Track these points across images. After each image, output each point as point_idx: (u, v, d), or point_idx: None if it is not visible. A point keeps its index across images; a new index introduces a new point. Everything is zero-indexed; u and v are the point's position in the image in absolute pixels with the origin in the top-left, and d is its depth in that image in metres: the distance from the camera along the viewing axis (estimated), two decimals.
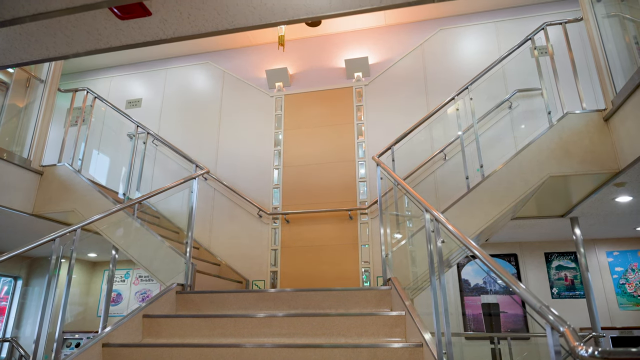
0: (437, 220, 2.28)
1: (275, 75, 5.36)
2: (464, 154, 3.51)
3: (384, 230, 3.26)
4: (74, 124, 5.72)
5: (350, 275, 4.47)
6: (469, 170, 3.47)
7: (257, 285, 4.66)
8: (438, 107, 3.67)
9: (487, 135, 4.63)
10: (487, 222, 3.12)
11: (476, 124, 3.60)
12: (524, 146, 3.30)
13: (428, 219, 2.40)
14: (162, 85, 5.90)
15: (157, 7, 1.64)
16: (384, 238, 3.24)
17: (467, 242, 1.95)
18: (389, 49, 5.26)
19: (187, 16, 1.70)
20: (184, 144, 5.48)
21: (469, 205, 3.23)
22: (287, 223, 4.82)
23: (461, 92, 3.67)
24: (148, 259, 3.64)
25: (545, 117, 4.51)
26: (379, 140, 4.88)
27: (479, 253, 1.85)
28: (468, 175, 3.41)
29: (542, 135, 3.29)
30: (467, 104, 3.80)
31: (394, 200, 3.49)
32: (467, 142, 4.57)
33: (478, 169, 3.40)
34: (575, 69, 3.47)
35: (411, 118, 4.86)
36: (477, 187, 3.25)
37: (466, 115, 4.23)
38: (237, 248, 4.85)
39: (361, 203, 4.70)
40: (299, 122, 5.21)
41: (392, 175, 2.92)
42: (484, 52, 4.96)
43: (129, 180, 4.06)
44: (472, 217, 3.18)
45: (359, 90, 5.17)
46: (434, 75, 5.01)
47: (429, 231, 2.40)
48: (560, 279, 5.28)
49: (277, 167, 5.08)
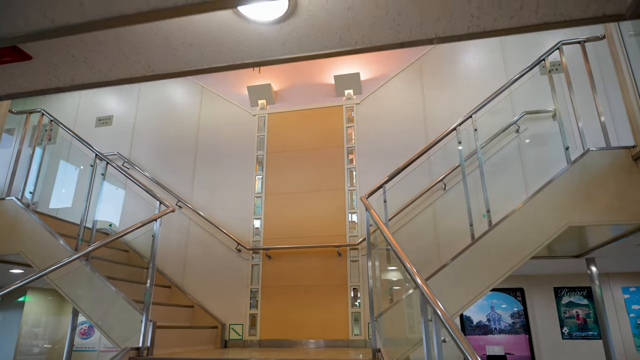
0: (427, 300, 1.78)
1: (257, 92, 4.86)
2: (468, 195, 3.01)
3: (374, 287, 2.76)
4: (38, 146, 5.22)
5: (339, 321, 3.97)
6: (473, 216, 2.97)
7: (234, 329, 4.16)
8: (437, 139, 3.17)
9: (492, 162, 4.14)
10: (496, 280, 2.63)
11: (482, 162, 3.10)
12: (538, 189, 2.80)
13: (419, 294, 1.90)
14: (136, 101, 5.39)
15: (36, 50, 1.14)
16: (373, 296, 2.74)
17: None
18: (382, 64, 4.76)
19: (83, 60, 1.20)
20: (158, 167, 4.98)
21: (475, 259, 2.73)
22: (269, 259, 4.32)
23: (464, 121, 3.17)
24: (101, 314, 3.14)
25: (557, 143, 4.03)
26: (372, 166, 4.39)
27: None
28: (472, 222, 2.91)
29: (560, 176, 2.80)
30: (470, 134, 3.31)
31: (386, 251, 3.00)
32: (468, 172, 4.09)
33: (484, 215, 2.90)
34: (596, 96, 2.97)
35: (407, 139, 4.38)
36: (484, 238, 2.76)
37: (469, 143, 3.75)
38: (213, 287, 4.35)
39: (351, 238, 4.20)
40: (283, 144, 4.71)
41: (384, 232, 2.42)
42: (488, 69, 4.46)
43: (84, 215, 3.54)
44: (477, 274, 2.68)
45: (349, 109, 4.67)
46: (433, 92, 4.52)
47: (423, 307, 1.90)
48: (572, 317, 4.79)
49: (258, 195, 4.58)
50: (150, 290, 3.06)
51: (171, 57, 1.17)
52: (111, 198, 5.00)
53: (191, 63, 1.18)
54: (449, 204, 4.08)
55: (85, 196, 3.60)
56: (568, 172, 2.80)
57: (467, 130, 3.43)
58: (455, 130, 3.14)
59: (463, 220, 3.93)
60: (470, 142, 3.85)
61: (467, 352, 1.39)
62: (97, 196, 3.71)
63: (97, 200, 3.68)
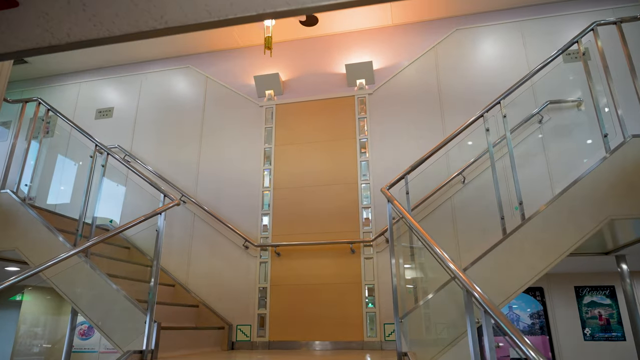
0: (473, 297, 1.56)
1: (265, 82, 4.64)
2: (497, 186, 2.79)
3: (398, 285, 2.54)
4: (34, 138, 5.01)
5: (353, 321, 3.76)
6: (504, 207, 2.75)
7: (242, 330, 3.94)
8: (462, 126, 2.95)
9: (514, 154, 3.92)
10: (532, 278, 2.42)
11: (512, 149, 2.88)
12: (574, 180, 2.59)
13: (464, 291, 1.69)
14: (137, 92, 5.17)
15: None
16: (397, 295, 2.52)
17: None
18: (396, 52, 4.55)
19: (81, 7, 0.98)
20: (160, 161, 4.76)
21: (507, 256, 2.52)
22: (278, 256, 4.11)
23: (492, 107, 2.96)
24: (101, 315, 2.92)
25: (585, 133, 3.83)
26: (385, 159, 4.17)
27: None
28: (503, 214, 2.69)
29: (599, 166, 2.58)
30: (499, 121, 3.09)
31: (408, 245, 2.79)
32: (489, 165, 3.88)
33: (516, 207, 2.68)
34: (636, 81, 2.76)
35: (423, 132, 4.16)
36: (517, 232, 2.54)
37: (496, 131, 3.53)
38: (219, 286, 4.13)
39: (365, 234, 3.99)
40: (292, 136, 4.49)
41: (412, 223, 2.20)
42: (508, 56, 4.25)
43: (83, 210, 3.33)
44: (511, 272, 2.47)
45: (361, 99, 4.45)
46: (450, 82, 4.30)
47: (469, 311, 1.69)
48: (594, 318, 4.58)
49: (267, 189, 4.37)
50: (154, 289, 2.84)
51: (190, 2, 0.95)
52: (112, 194, 4.78)
53: (215, 11, 0.96)
54: (469, 198, 3.87)
55: (85, 189, 3.38)
56: (607, 162, 2.58)
57: (495, 117, 3.21)
58: (482, 117, 2.92)
59: (484, 215, 3.74)
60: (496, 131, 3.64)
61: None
62: (97, 190, 3.49)
63: (97, 194, 3.47)
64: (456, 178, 3.95)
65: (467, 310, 1.59)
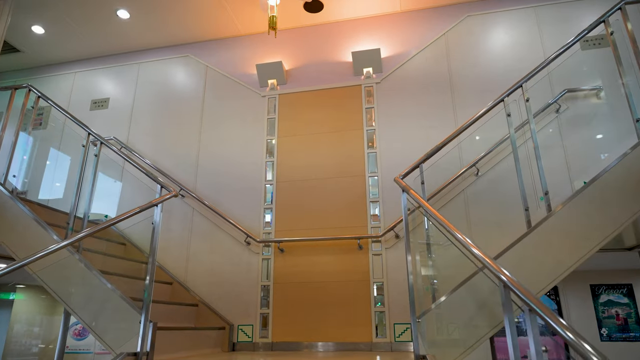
0: (514, 293, 1.36)
1: (267, 71, 4.44)
2: (521, 175, 2.59)
3: (414, 282, 2.33)
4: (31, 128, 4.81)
5: (361, 321, 3.56)
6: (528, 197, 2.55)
7: (244, 331, 3.74)
8: (482, 111, 2.75)
9: (529, 146, 3.72)
10: (560, 274, 2.22)
11: (536, 135, 2.68)
12: (605, 168, 2.39)
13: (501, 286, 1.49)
14: (134, 82, 4.97)
15: None
16: (414, 293, 2.32)
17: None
18: (405, 39, 4.35)
19: None
20: (158, 153, 4.56)
21: (533, 250, 2.32)
22: (281, 252, 3.91)
23: (513, 90, 2.75)
24: (93, 314, 2.72)
25: (606, 122, 3.64)
26: (394, 151, 3.98)
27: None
28: (528, 205, 2.49)
29: (632, 152, 2.38)
30: (521, 105, 2.89)
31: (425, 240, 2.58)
32: (505, 155, 3.69)
33: (542, 198, 2.49)
34: None
35: (434, 122, 3.97)
36: (543, 225, 2.34)
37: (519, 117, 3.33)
38: (220, 284, 3.93)
39: (373, 229, 3.79)
40: (296, 127, 4.29)
41: (433, 213, 2.01)
42: (523, 44, 4.05)
43: (74, 202, 3.12)
44: (537, 267, 2.27)
45: (369, 89, 4.25)
46: (461, 70, 4.10)
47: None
48: (611, 317, 4.38)
49: (269, 182, 4.16)
50: (150, 287, 2.63)
51: None
52: (108, 190, 4.58)
53: None
54: (482, 192, 3.67)
55: (77, 180, 3.18)
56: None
57: (517, 101, 3.01)
58: (502, 101, 2.72)
59: (500, 209, 3.54)
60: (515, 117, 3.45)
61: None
62: (91, 181, 3.29)
63: (90, 186, 3.26)
64: (469, 170, 3.75)
65: (505, 307, 1.39)
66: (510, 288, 1.30)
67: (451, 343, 2.26)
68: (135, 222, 4.23)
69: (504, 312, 1.41)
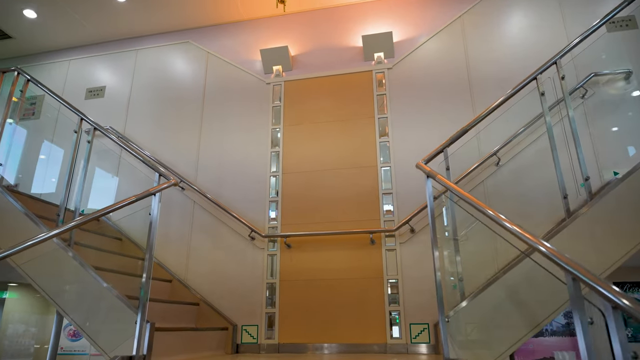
0: (588, 285, 1.12)
1: (272, 57, 4.20)
2: (557, 156, 2.34)
3: (442, 276, 2.09)
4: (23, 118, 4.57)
5: (374, 321, 3.32)
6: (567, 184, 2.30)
7: (248, 331, 3.50)
8: (513, 89, 2.49)
9: (544, 138, 3.47)
10: (606, 269, 1.98)
11: (571, 110, 2.43)
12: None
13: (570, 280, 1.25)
14: (131, 69, 4.72)
15: None
16: (442, 289, 2.08)
17: None
18: (418, 22, 4.10)
19: None
20: (156, 144, 4.32)
21: (573, 242, 2.08)
22: (288, 248, 3.67)
23: (546, 68, 2.51)
24: (85, 314, 2.48)
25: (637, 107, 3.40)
26: (408, 140, 3.74)
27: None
28: (566, 193, 2.25)
29: None
30: (555, 83, 2.65)
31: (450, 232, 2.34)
32: (528, 144, 3.45)
33: (582, 184, 2.25)
34: None
35: (450, 110, 3.73)
36: (584, 214, 2.10)
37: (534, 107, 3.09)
38: (222, 281, 3.69)
39: (386, 223, 3.55)
40: (303, 116, 4.05)
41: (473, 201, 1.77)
42: (543, 26, 3.81)
43: (65, 193, 2.88)
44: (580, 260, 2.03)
45: (380, 75, 4.01)
46: (478, 55, 3.86)
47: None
48: None
49: (274, 174, 3.92)
50: (146, 284, 2.39)
51: None
52: (104, 185, 4.34)
53: None
54: (504, 182, 3.43)
55: (68, 167, 2.94)
56: None
57: (552, 78, 2.76)
58: (535, 79, 2.48)
59: (523, 200, 3.31)
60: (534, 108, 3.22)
61: None
62: (83, 170, 3.04)
63: (82, 175, 3.02)
64: (489, 161, 3.51)
65: (574, 304, 1.16)
66: (584, 281, 1.06)
67: (483, 345, 2.02)
68: (132, 215, 4.00)
69: (574, 310, 1.18)
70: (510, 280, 1.99)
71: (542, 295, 1.88)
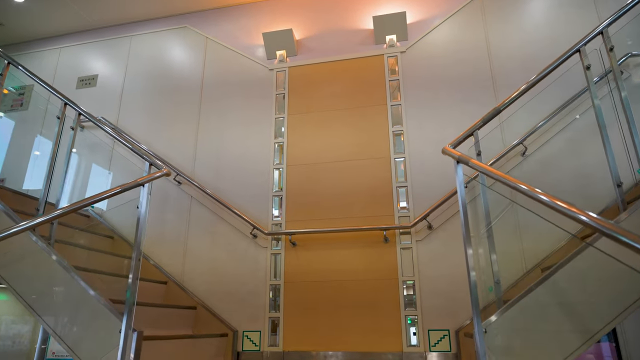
0: None
1: (276, 41, 3.89)
2: (607, 136, 2.02)
3: (477, 279, 1.78)
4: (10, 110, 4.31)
5: (388, 327, 3.01)
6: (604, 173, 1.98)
7: (250, 338, 3.20)
8: (555, 61, 2.17)
9: (575, 126, 3.16)
10: None
11: (622, 81, 2.12)
12: None
13: None
14: (125, 57, 4.43)
15: None
16: (477, 292, 1.76)
17: None
18: (434, 2, 3.79)
19: None
20: (151, 135, 4.03)
21: None
22: (293, 246, 3.36)
23: (592, 38, 2.19)
24: (62, 320, 2.18)
25: None
26: (425, 129, 3.43)
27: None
28: (621, 181, 1.93)
29: None
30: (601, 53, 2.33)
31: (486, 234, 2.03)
32: (556, 132, 3.13)
33: (639, 170, 1.93)
34: None
35: (469, 96, 3.41)
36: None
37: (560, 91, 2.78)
38: (222, 283, 3.39)
39: (401, 219, 3.24)
40: (308, 104, 3.74)
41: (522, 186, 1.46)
42: (572, 5, 3.49)
43: (46, 184, 2.58)
44: None
45: (392, 59, 3.70)
46: (500, 37, 3.55)
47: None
48: None
49: (278, 166, 3.62)
50: (133, 286, 2.09)
51: None
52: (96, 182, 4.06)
53: None
54: (530, 174, 3.11)
55: (49, 156, 2.64)
56: None
57: (600, 53, 2.45)
58: (578, 52, 2.16)
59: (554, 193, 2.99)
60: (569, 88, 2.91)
61: None
62: (66, 158, 2.75)
63: (65, 164, 2.72)
64: (514, 150, 3.19)
65: None
66: None
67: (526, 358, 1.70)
68: (126, 211, 3.72)
69: None
70: (559, 284, 1.68)
71: (609, 294, 1.58)
